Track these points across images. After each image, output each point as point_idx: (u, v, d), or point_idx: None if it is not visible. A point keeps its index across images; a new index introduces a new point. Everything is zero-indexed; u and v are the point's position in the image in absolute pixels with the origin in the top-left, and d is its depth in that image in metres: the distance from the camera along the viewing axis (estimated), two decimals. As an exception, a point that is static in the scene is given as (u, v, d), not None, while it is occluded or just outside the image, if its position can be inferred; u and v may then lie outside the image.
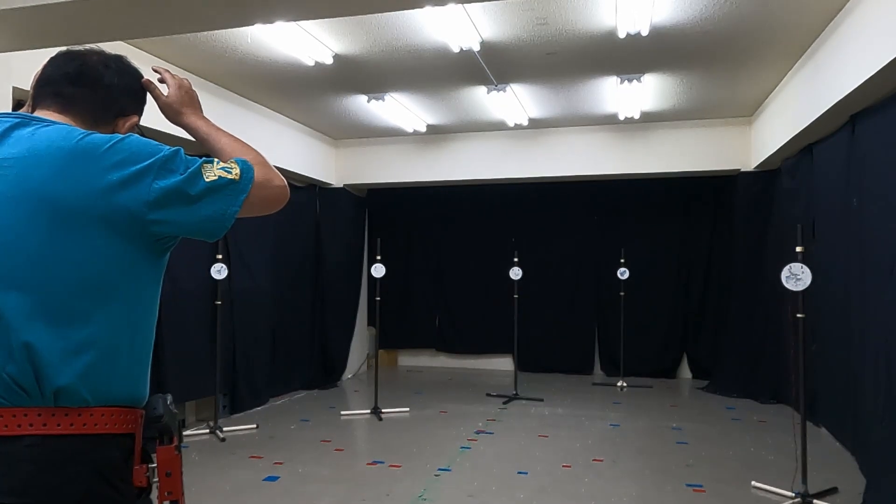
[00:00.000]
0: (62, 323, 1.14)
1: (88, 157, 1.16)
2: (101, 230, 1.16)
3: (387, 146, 7.73)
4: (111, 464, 1.17)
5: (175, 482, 1.27)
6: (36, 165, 1.15)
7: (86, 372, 1.15)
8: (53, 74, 1.31)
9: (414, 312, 9.01)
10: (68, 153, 1.16)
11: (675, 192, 7.99)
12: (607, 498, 3.84)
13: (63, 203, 1.14)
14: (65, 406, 1.13)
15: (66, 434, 1.13)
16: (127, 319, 1.22)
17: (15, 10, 2.83)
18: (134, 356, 1.24)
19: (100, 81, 1.32)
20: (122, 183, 1.16)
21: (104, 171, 1.16)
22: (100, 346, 1.17)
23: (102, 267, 1.17)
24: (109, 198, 1.16)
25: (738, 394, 6.77)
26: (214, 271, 5.30)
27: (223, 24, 3.29)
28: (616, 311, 7.77)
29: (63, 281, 1.15)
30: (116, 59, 1.38)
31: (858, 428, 4.34)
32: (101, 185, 1.15)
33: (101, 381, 1.17)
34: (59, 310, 1.15)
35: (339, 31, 4.41)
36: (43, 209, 1.14)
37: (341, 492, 3.93)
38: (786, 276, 3.81)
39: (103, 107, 1.33)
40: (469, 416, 6.01)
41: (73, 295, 1.15)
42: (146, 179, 1.18)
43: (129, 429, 1.21)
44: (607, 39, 4.56)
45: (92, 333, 1.16)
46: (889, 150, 3.83)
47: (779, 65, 5.14)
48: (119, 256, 1.19)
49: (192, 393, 5.50)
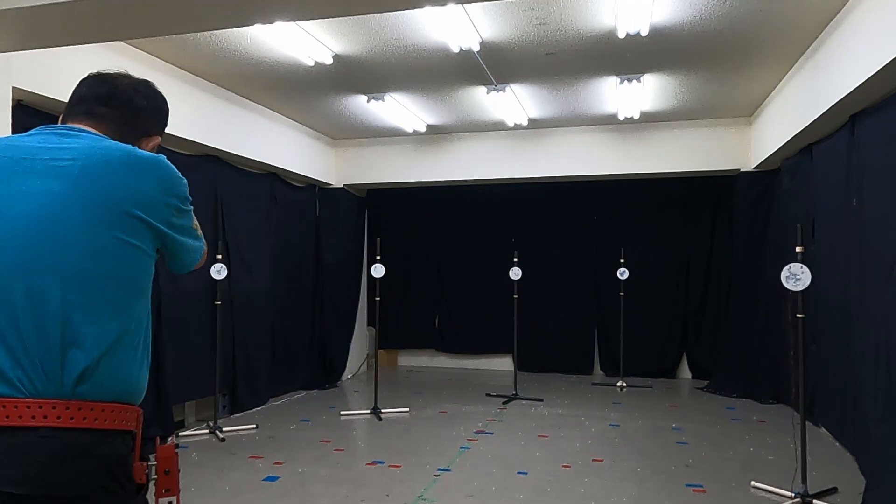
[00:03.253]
0: (101, 315, 1.21)
1: (143, 170, 1.30)
2: (132, 231, 1.26)
3: (387, 146, 7.73)
4: (118, 459, 1.21)
5: (173, 480, 1.31)
6: (98, 168, 1.26)
7: (108, 364, 1.21)
8: (86, 95, 1.42)
9: (414, 312, 9.01)
10: (127, 162, 1.29)
11: (675, 192, 7.98)
12: (607, 498, 3.84)
13: (111, 203, 1.24)
14: (80, 399, 1.17)
15: (80, 428, 1.17)
16: (143, 319, 1.30)
17: (15, 10, 2.83)
18: (139, 355, 1.29)
19: (130, 104, 1.44)
20: (158, 203, 1.31)
21: (150, 186, 1.30)
22: (126, 342, 1.24)
23: (136, 266, 1.27)
24: (146, 208, 1.28)
25: (738, 394, 6.77)
26: (214, 271, 5.29)
27: (223, 24, 3.30)
28: (616, 311, 7.77)
29: (108, 276, 1.23)
30: (145, 84, 1.48)
31: (858, 428, 4.34)
32: (146, 196, 1.29)
33: (117, 376, 1.22)
34: (102, 303, 1.22)
35: (339, 31, 4.42)
36: (95, 205, 1.23)
37: (341, 492, 3.93)
38: (786, 276, 3.81)
39: (130, 126, 1.43)
40: (469, 416, 6.01)
41: (114, 291, 1.23)
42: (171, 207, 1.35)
43: (131, 426, 1.25)
44: (607, 39, 4.56)
45: (122, 327, 1.23)
46: (889, 150, 3.83)
47: (779, 65, 5.14)
48: (140, 257, 1.28)
49: (192, 393, 5.51)
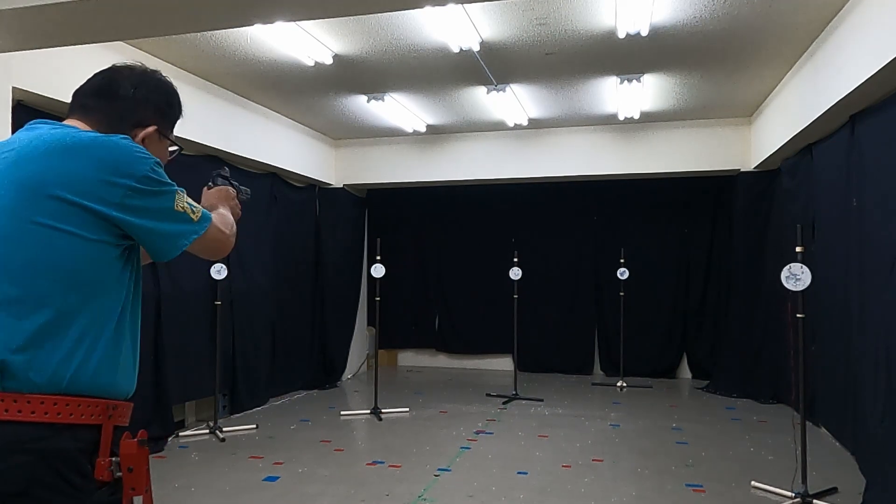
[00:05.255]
0: (22, 305, 1.16)
1: (79, 151, 1.24)
2: (58, 215, 1.20)
3: (387, 146, 7.73)
4: (61, 454, 1.15)
5: (138, 477, 1.22)
6: (31, 154, 1.22)
7: (38, 356, 1.15)
8: (83, 87, 1.41)
9: (414, 312, 9.01)
10: (63, 146, 1.24)
11: (675, 192, 7.98)
12: (607, 498, 3.84)
13: (34, 187, 1.20)
14: (13, 391, 1.13)
15: (13, 420, 1.12)
16: (94, 310, 1.22)
17: (15, 10, 2.83)
18: (106, 348, 1.23)
19: (116, 93, 1.39)
20: (95, 182, 1.23)
21: (85, 165, 1.23)
22: (59, 334, 1.17)
23: (68, 253, 1.20)
24: (77, 189, 1.21)
25: (738, 394, 6.77)
26: (214, 271, 5.29)
27: (223, 24, 3.29)
28: (616, 311, 7.77)
29: (26, 264, 1.18)
30: (142, 73, 1.43)
31: (858, 428, 4.34)
32: (77, 177, 1.22)
33: (58, 368, 1.17)
34: (21, 292, 1.17)
35: (339, 31, 4.42)
36: (19, 192, 1.20)
37: (341, 492, 3.93)
38: (786, 276, 3.81)
39: (118, 117, 1.38)
40: (469, 416, 6.01)
41: (35, 279, 1.18)
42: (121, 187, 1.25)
43: (91, 420, 1.19)
44: (607, 39, 4.56)
45: (51, 320, 1.17)
46: (889, 150, 3.83)
47: (779, 65, 5.14)
48: (76, 244, 1.21)
49: (192, 393, 5.50)
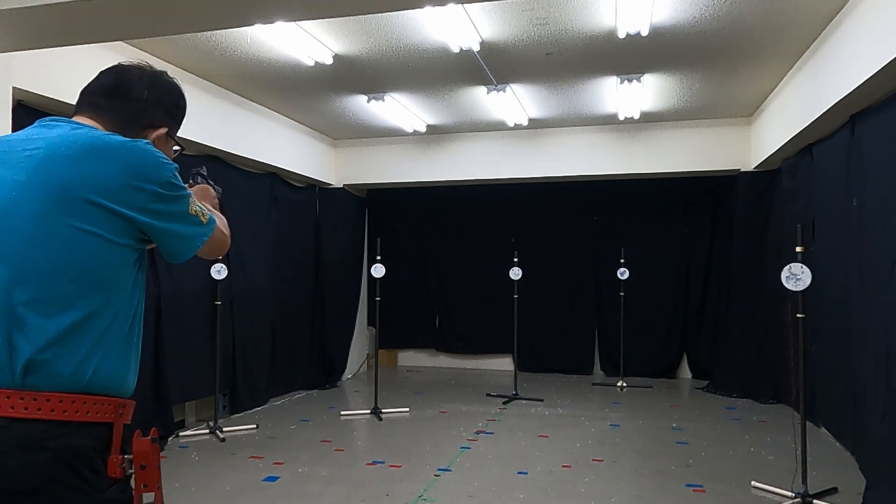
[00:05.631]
0: (50, 305, 1.17)
1: (108, 155, 1.24)
2: (91, 219, 1.21)
3: (387, 146, 7.72)
4: (77, 452, 1.16)
5: (151, 474, 1.24)
6: (60, 156, 1.22)
7: (62, 355, 1.17)
8: (93, 86, 1.40)
9: (414, 312, 9.00)
10: (92, 148, 1.24)
11: (675, 192, 7.98)
12: (607, 498, 3.84)
13: (68, 191, 1.20)
14: (33, 389, 1.14)
15: (33, 419, 1.13)
16: (113, 311, 1.24)
17: (15, 10, 2.83)
18: (121, 348, 1.25)
19: (129, 94, 1.39)
20: (126, 188, 1.24)
21: (116, 171, 1.24)
22: (83, 334, 1.19)
23: (95, 255, 1.21)
24: (109, 194, 1.22)
25: (738, 394, 6.77)
26: (214, 271, 5.29)
27: (223, 24, 3.29)
28: (616, 311, 7.77)
29: (55, 265, 1.18)
30: (153, 74, 1.44)
31: (858, 428, 4.34)
32: (109, 182, 1.22)
33: (79, 367, 1.18)
34: (49, 292, 1.18)
35: (339, 31, 4.41)
36: (51, 194, 1.20)
37: (341, 492, 3.93)
38: (786, 276, 3.81)
39: (131, 117, 1.39)
40: (469, 416, 6.01)
41: (63, 280, 1.19)
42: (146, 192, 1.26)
43: (105, 418, 1.21)
44: (607, 39, 4.56)
45: (77, 320, 1.18)
46: (889, 150, 3.83)
47: (779, 65, 5.14)
48: (102, 246, 1.22)
49: (192, 393, 5.50)
